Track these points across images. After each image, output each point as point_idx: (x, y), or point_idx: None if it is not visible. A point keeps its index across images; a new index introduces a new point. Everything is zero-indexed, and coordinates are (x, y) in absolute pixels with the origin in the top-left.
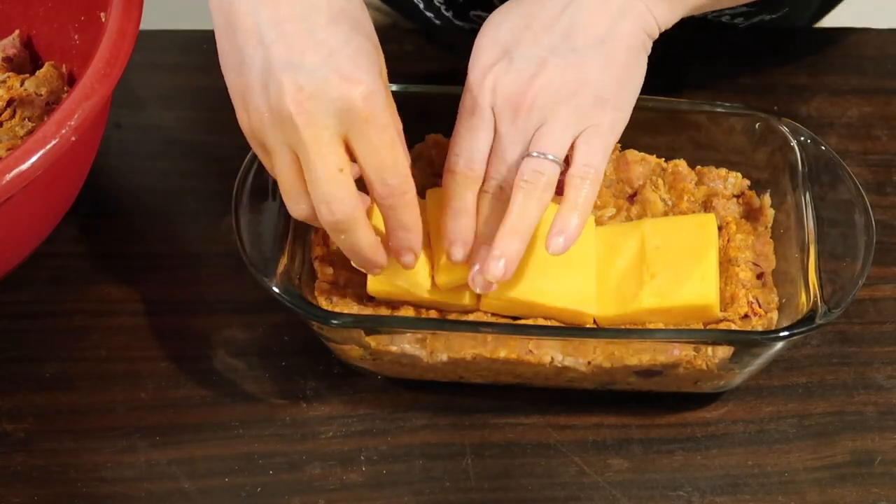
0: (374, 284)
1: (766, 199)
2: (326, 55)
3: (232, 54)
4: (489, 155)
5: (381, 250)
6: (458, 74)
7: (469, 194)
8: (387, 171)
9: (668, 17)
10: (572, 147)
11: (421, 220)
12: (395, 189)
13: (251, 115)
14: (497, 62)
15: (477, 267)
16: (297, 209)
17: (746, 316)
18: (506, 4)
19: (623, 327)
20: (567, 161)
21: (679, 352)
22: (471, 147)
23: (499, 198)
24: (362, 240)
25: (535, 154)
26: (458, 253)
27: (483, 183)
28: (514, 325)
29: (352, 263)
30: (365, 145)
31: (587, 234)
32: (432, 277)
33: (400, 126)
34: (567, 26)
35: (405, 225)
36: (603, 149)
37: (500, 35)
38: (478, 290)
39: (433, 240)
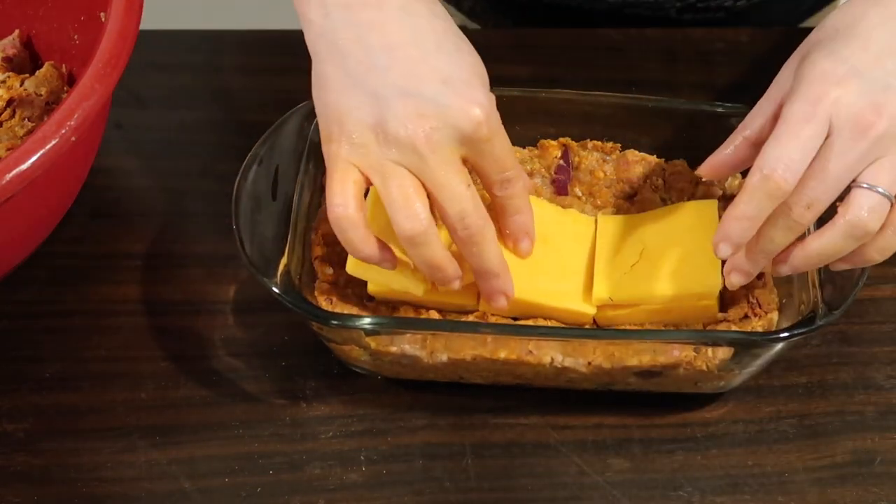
0: (374, 285)
1: None
2: (442, 81)
3: (335, 77)
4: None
5: (509, 275)
6: None
7: (771, 205)
8: (507, 171)
9: None
10: None
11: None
12: (514, 181)
13: (357, 134)
14: (844, 76)
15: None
16: (413, 224)
17: (746, 316)
18: (830, 16)
19: (623, 328)
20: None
21: (679, 352)
22: (797, 158)
23: (800, 216)
24: (490, 252)
25: (865, 185)
26: (725, 251)
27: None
28: (514, 325)
29: (476, 279)
30: (489, 161)
31: (587, 233)
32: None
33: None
34: None
35: (521, 209)
36: None
37: (837, 48)
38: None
39: None
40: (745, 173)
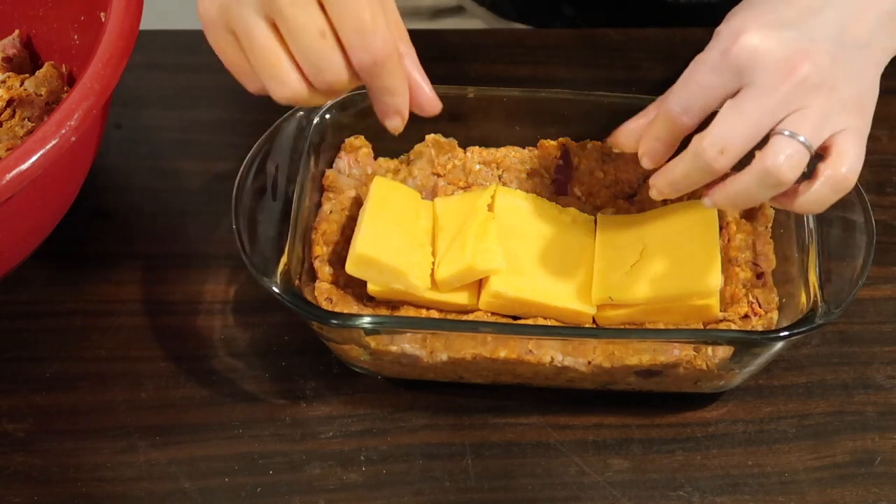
0: (374, 285)
1: None
2: None
3: None
4: (716, 113)
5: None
6: (458, 75)
7: (678, 136)
8: (366, 34)
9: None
10: (827, 143)
11: (403, 92)
12: (378, 52)
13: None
14: (764, 25)
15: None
16: (285, 90)
17: (746, 316)
18: None
19: (623, 327)
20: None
21: (679, 352)
22: (698, 102)
23: (712, 159)
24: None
25: (786, 133)
26: (647, 164)
27: (699, 139)
28: (514, 325)
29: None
30: (340, 6)
31: (586, 233)
32: (432, 278)
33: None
34: (833, 18)
35: (391, 90)
36: (861, 155)
37: (759, 6)
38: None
39: (436, 242)
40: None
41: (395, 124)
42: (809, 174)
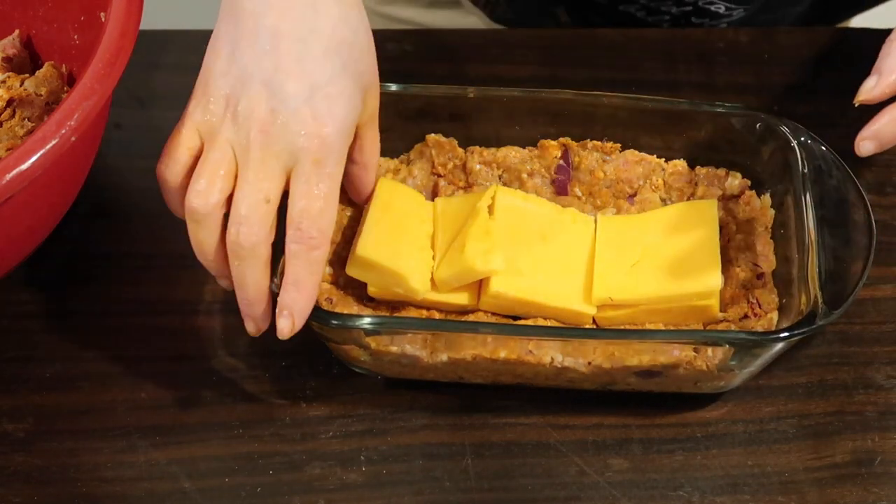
0: (374, 287)
1: (766, 199)
2: (307, 88)
3: (224, 41)
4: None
5: (267, 309)
6: (458, 75)
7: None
8: (306, 219)
9: None
10: None
11: (308, 294)
12: (307, 240)
13: (213, 102)
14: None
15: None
16: (199, 201)
17: (746, 316)
18: None
19: (623, 327)
20: None
21: (679, 352)
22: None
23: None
24: (253, 276)
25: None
26: (868, 148)
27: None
28: (514, 325)
29: (238, 304)
30: (301, 186)
31: (587, 233)
32: (432, 278)
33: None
34: None
35: (301, 283)
36: None
37: None
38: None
39: (435, 243)
40: (743, 172)
41: (281, 325)
42: None
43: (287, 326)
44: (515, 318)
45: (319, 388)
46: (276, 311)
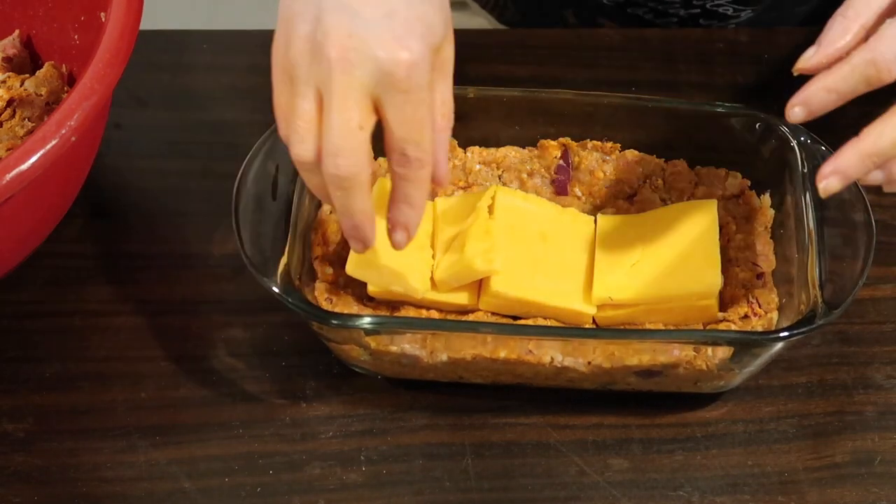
0: (374, 286)
1: (766, 199)
2: (386, 13)
3: None
4: None
5: (373, 227)
6: (458, 75)
7: (861, 89)
8: (410, 144)
9: None
10: None
11: (420, 208)
12: (413, 162)
13: (292, 42)
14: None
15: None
16: (301, 149)
17: (746, 316)
18: None
19: (623, 327)
20: None
21: (679, 352)
22: None
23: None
24: (358, 203)
25: None
26: (799, 115)
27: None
28: (514, 325)
29: (342, 229)
30: (395, 114)
31: (586, 232)
32: (431, 278)
33: (449, 97)
34: None
35: (411, 200)
36: None
37: None
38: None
39: (435, 242)
40: (743, 172)
41: (400, 239)
42: None
43: (404, 239)
44: (515, 317)
45: (319, 388)
46: (389, 227)
